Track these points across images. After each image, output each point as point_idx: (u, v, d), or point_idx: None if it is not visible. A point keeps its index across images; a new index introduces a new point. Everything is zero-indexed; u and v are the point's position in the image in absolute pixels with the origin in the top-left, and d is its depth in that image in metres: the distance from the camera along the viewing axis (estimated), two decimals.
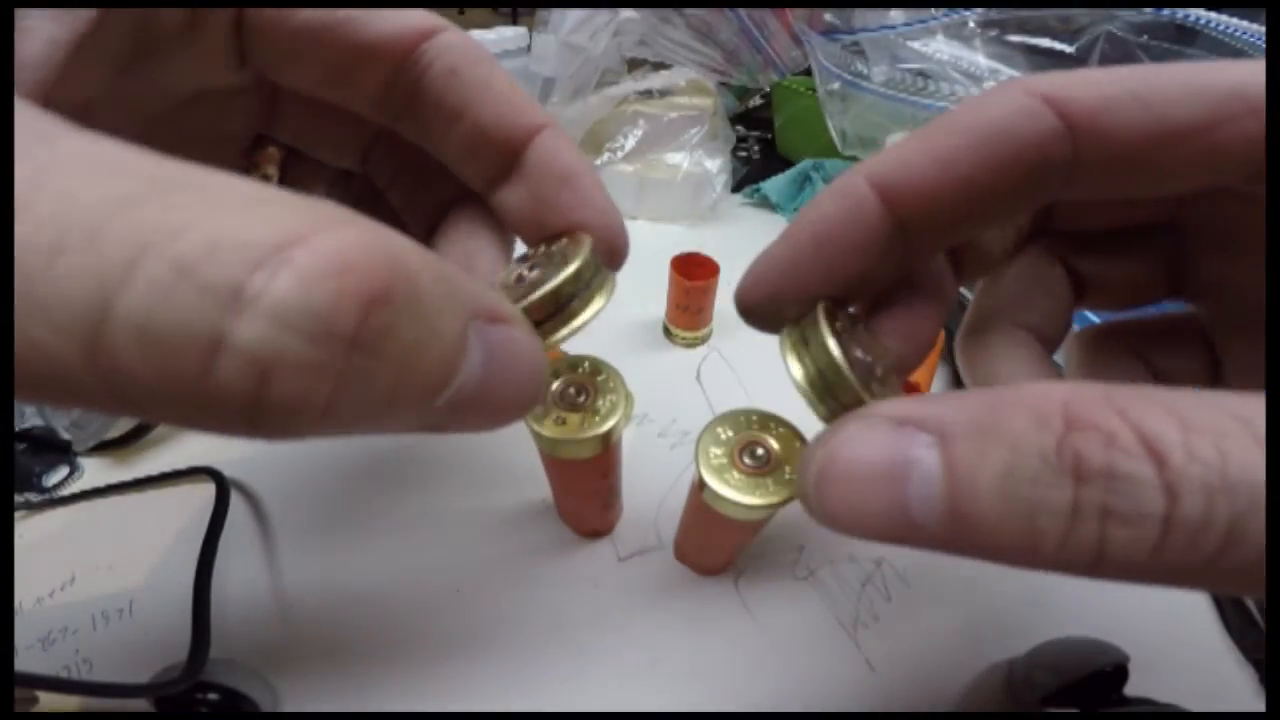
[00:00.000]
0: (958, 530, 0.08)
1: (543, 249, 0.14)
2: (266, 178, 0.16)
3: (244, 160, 0.16)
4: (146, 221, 0.06)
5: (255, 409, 0.06)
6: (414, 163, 0.16)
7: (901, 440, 0.09)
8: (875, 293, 0.13)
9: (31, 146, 0.06)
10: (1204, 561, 0.07)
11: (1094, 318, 0.27)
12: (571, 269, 0.12)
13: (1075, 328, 0.16)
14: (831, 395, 0.11)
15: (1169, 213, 0.14)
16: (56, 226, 0.06)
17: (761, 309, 0.13)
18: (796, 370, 0.12)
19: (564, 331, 0.12)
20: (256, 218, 0.06)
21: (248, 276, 0.06)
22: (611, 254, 0.14)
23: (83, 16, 0.11)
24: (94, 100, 0.12)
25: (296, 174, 0.17)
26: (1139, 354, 0.15)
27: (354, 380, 0.06)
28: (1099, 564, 0.07)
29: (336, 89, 0.13)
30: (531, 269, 0.13)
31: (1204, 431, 0.07)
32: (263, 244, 0.06)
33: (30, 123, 0.07)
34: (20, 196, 0.06)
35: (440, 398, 0.08)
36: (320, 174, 0.17)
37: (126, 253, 0.06)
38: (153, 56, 0.13)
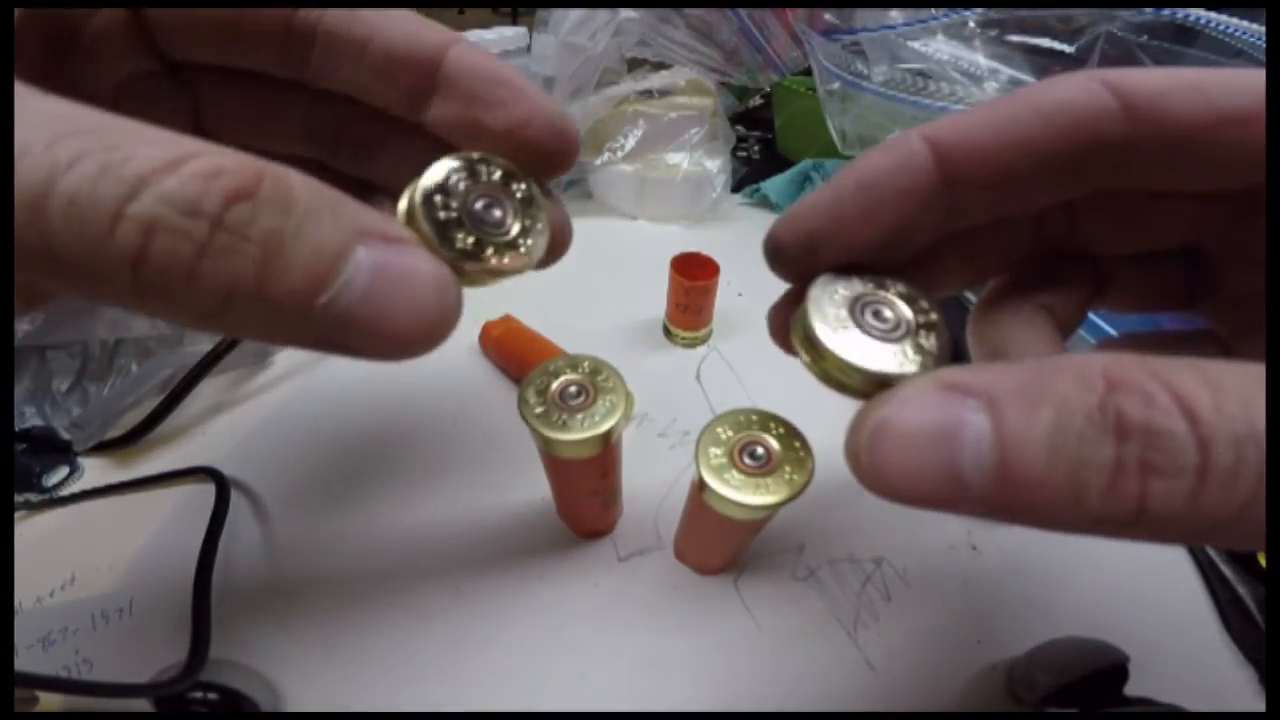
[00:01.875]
0: (1006, 487, 0.08)
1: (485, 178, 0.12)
2: None
3: None
4: (88, 141, 0.08)
5: (139, 264, 0.08)
6: (354, 135, 0.16)
7: (952, 403, 0.09)
8: (907, 255, 0.13)
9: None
10: (1238, 509, 0.07)
11: (1107, 328, 0.27)
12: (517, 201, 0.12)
13: (1092, 341, 0.16)
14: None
15: (1194, 236, 0.14)
16: (24, 138, 0.08)
17: (794, 249, 0.13)
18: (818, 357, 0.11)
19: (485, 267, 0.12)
20: (167, 145, 0.09)
21: (149, 174, 0.08)
22: (560, 137, 0.13)
23: None
24: None
25: None
26: None
27: (217, 252, 0.08)
28: (1140, 517, 0.08)
29: (233, 52, 0.14)
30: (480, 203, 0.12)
31: (1231, 391, 0.08)
32: (165, 157, 0.08)
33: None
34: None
35: (319, 298, 0.09)
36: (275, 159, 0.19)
37: (69, 156, 0.08)
38: (66, 54, 0.13)
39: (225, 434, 0.28)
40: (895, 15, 0.38)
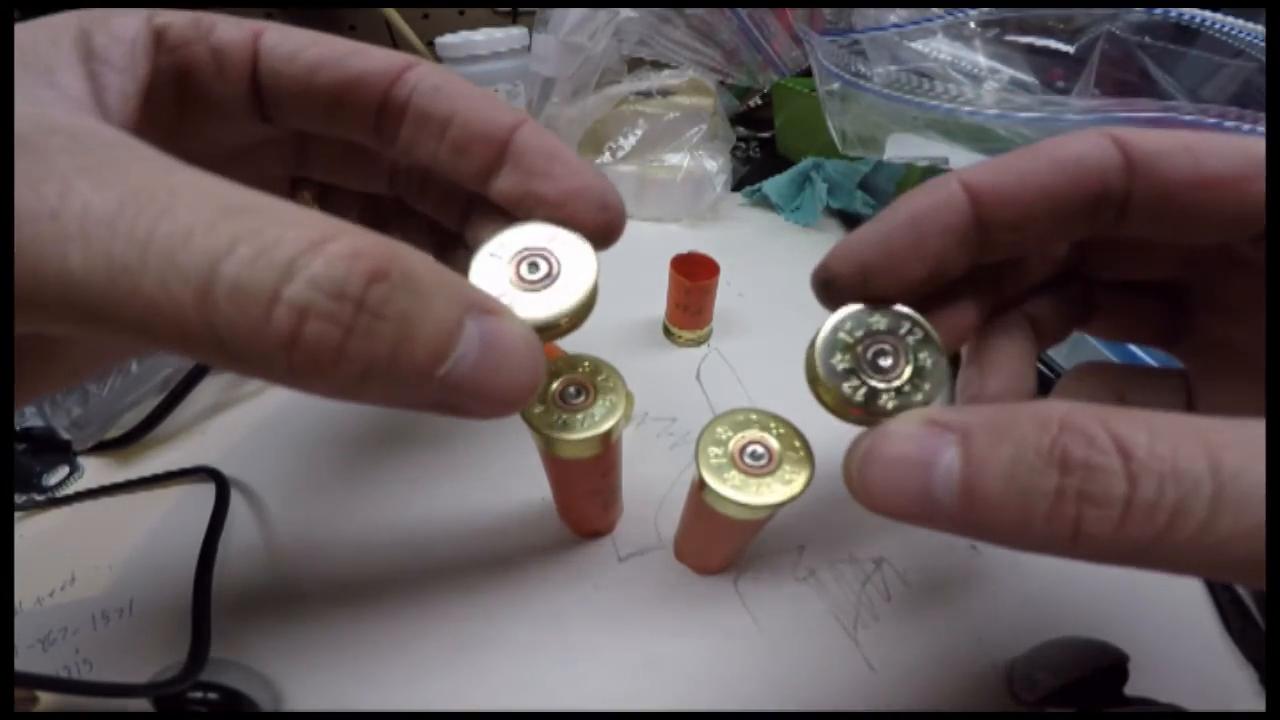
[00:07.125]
0: (969, 507, 0.10)
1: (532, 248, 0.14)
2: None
3: (287, 197, 0.19)
4: (242, 224, 0.09)
5: (292, 346, 0.09)
6: (433, 177, 0.18)
7: (932, 436, 0.11)
8: (942, 284, 0.15)
9: (166, 172, 0.09)
10: (1155, 536, 0.09)
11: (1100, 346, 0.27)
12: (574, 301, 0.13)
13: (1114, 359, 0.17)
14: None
15: (1181, 274, 0.16)
16: (188, 220, 0.09)
17: (847, 280, 0.14)
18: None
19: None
20: (308, 226, 0.09)
21: (298, 257, 0.09)
22: (605, 210, 0.15)
23: (140, 71, 0.13)
24: None
25: (331, 203, 0.21)
26: (1120, 394, 0.17)
27: (360, 333, 0.09)
28: (1076, 540, 0.09)
29: (337, 121, 0.15)
30: (530, 271, 0.14)
31: (1164, 437, 0.09)
32: (310, 240, 0.09)
33: (159, 157, 0.10)
34: (166, 206, 0.09)
35: (439, 370, 0.10)
36: (353, 201, 0.21)
37: (229, 240, 0.09)
38: (193, 114, 0.15)
39: (225, 434, 0.28)
40: (895, 15, 0.38)
